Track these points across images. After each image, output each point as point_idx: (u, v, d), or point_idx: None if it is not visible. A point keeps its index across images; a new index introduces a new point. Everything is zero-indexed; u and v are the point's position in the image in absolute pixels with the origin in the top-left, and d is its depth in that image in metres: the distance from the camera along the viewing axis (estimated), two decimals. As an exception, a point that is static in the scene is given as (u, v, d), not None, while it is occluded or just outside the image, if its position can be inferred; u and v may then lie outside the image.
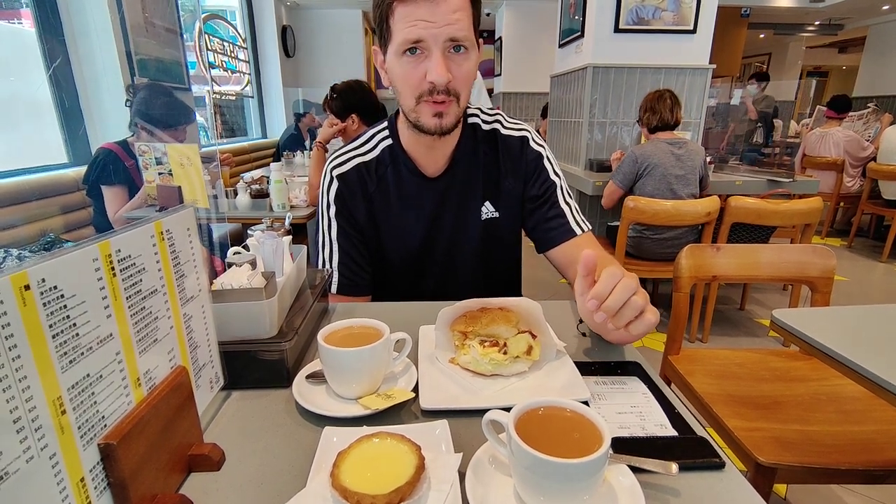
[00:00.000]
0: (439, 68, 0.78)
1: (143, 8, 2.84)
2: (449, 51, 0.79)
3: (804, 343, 0.88)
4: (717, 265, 1.33)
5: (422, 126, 0.86)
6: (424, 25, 0.76)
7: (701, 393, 1.23)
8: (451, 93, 0.82)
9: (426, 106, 0.83)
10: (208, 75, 4.74)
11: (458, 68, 0.81)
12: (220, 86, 5.51)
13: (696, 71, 3.16)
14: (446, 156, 0.97)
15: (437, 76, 0.79)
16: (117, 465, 0.40)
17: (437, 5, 0.76)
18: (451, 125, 0.86)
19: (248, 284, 0.65)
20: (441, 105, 0.83)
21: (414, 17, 0.76)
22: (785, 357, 1.40)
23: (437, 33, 0.77)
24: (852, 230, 4.39)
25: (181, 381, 0.50)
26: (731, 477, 0.49)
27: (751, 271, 1.35)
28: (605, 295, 0.61)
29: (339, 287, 1.00)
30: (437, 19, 0.76)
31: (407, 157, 0.97)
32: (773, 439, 1.05)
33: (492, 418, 0.47)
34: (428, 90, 0.81)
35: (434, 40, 0.78)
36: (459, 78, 0.82)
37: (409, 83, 0.82)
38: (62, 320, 0.36)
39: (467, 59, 0.82)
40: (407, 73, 0.81)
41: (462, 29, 0.78)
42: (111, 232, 0.42)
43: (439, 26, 0.77)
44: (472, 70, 0.83)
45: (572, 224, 1.00)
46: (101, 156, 2.13)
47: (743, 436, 1.06)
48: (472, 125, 1.00)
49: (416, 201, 0.98)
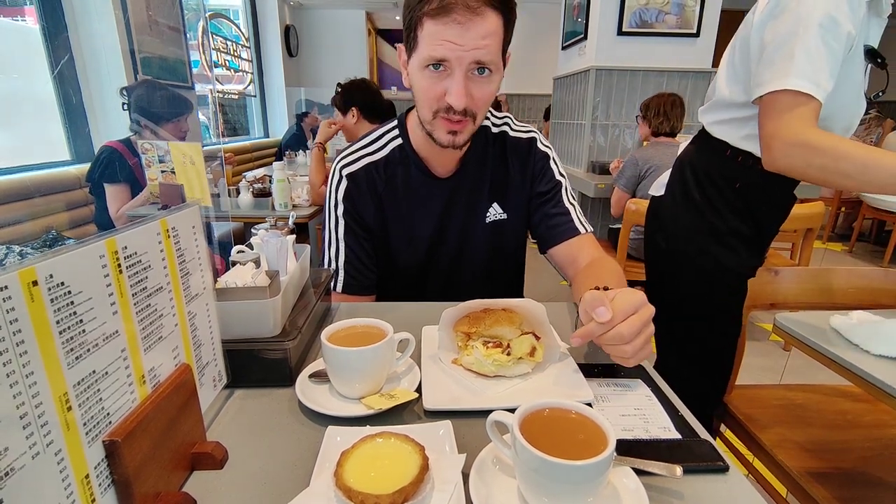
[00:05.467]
0: (459, 92, 0.77)
1: (147, 6, 2.85)
2: (472, 72, 0.78)
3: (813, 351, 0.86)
4: (776, 291, 1.18)
5: (435, 139, 0.86)
6: (451, 48, 0.75)
7: (786, 461, 1.02)
8: (467, 113, 0.81)
9: (442, 122, 0.83)
10: (211, 74, 4.75)
11: (478, 89, 0.80)
12: (223, 85, 5.52)
13: (699, 74, 3.16)
14: (456, 158, 0.98)
15: (456, 100, 0.78)
16: (122, 462, 0.40)
17: (468, 29, 0.74)
18: (463, 142, 0.86)
19: (252, 283, 0.65)
20: (457, 124, 0.83)
21: (442, 36, 0.74)
22: (845, 396, 1.24)
23: (462, 56, 0.75)
24: (853, 235, 4.39)
25: (185, 378, 0.50)
26: (735, 480, 0.49)
27: (815, 298, 1.18)
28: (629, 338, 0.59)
29: (345, 286, 1.00)
30: (464, 42, 0.74)
31: (417, 157, 0.97)
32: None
33: (496, 419, 0.47)
34: (445, 108, 0.81)
35: (458, 62, 0.76)
36: (479, 99, 0.81)
37: (428, 97, 0.82)
38: (69, 316, 0.36)
39: (490, 81, 0.80)
40: (427, 87, 0.81)
41: (489, 54, 0.76)
42: (118, 229, 0.42)
43: (466, 50, 0.75)
44: (493, 92, 0.82)
45: (576, 223, 0.99)
46: (104, 154, 2.13)
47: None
48: (482, 128, 1.00)
49: (425, 201, 0.99)
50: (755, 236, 1.17)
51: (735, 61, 1.10)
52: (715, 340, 1.24)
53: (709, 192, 1.17)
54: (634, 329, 0.59)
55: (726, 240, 1.17)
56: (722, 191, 1.15)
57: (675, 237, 1.25)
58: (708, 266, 1.19)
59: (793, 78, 0.92)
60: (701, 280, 1.22)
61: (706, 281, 1.21)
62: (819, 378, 1.32)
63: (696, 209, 1.19)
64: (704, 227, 1.18)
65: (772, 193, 1.12)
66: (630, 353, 0.59)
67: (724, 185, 1.14)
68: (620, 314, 0.59)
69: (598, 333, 0.60)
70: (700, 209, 1.18)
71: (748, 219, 1.15)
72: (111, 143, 2.14)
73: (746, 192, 1.13)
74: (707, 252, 1.19)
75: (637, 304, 0.60)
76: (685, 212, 1.22)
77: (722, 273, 1.18)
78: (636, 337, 0.59)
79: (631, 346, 0.59)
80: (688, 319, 1.26)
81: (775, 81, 0.94)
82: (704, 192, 1.17)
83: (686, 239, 1.22)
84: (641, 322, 0.59)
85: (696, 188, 1.19)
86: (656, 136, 2.53)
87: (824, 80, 0.92)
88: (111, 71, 2.74)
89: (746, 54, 1.05)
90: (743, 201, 1.13)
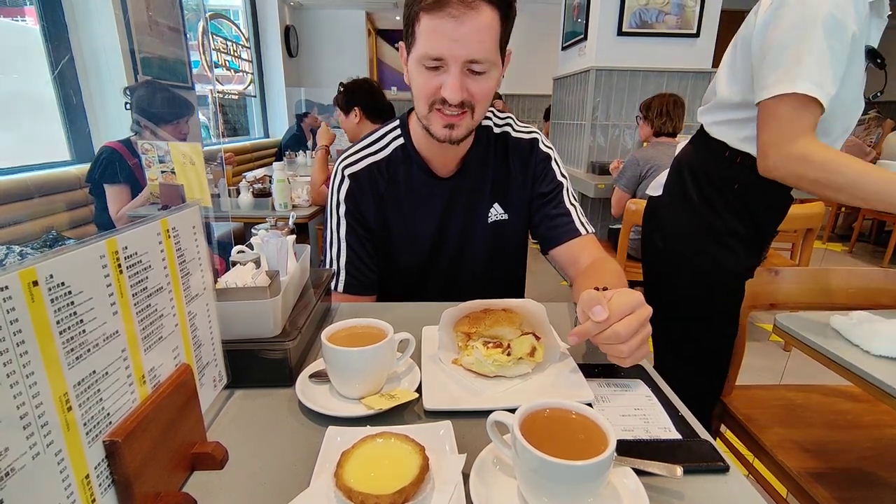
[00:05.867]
0: (454, 86, 0.78)
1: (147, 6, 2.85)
2: (467, 69, 0.79)
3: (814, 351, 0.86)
4: (776, 292, 1.18)
5: (432, 133, 0.87)
6: (447, 45, 0.76)
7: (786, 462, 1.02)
8: (465, 105, 0.82)
9: (438, 116, 0.84)
10: (211, 74, 4.75)
11: (475, 85, 0.81)
12: (223, 85, 5.52)
13: (699, 75, 3.16)
14: (458, 158, 0.98)
15: (451, 94, 0.79)
16: (122, 462, 0.40)
17: (462, 24, 0.74)
18: (461, 137, 0.86)
19: (252, 283, 0.65)
20: (454, 118, 0.83)
21: (437, 32, 0.76)
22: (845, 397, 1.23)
23: (457, 54, 0.76)
24: (853, 235, 4.39)
25: (185, 379, 0.50)
26: (735, 480, 0.49)
27: (815, 298, 1.18)
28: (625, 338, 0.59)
29: (346, 286, 1.00)
30: (459, 37, 0.75)
31: (419, 157, 0.97)
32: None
33: (496, 419, 0.47)
34: (440, 101, 0.81)
35: (454, 59, 0.77)
36: (476, 94, 0.81)
37: (424, 92, 0.82)
38: (69, 317, 0.36)
39: (487, 78, 0.81)
40: (424, 82, 0.82)
41: (484, 50, 0.77)
42: (118, 229, 0.42)
43: (460, 46, 0.76)
44: (491, 88, 0.83)
45: (577, 224, 1.00)
46: (104, 154, 2.13)
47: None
48: (484, 128, 1.01)
49: (427, 200, 0.99)
50: (753, 237, 1.17)
51: (736, 62, 1.10)
52: (713, 341, 1.24)
53: (707, 192, 1.17)
54: (631, 329, 0.59)
55: (724, 240, 1.16)
56: (720, 191, 1.15)
57: (672, 237, 1.25)
58: (706, 266, 1.19)
59: (799, 81, 0.91)
60: (698, 280, 1.22)
61: (704, 281, 1.21)
62: (819, 378, 1.32)
63: (694, 209, 1.19)
64: (702, 228, 1.18)
65: (770, 194, 1.12)
66: (626, 352, 0.59)
67: (723, 185, 1.14)
68: (617, 314, 0.59)
69: (594, 332, 0.60)
70: (698, 209, 1.18)
71: (746, 219, 1.14)
72: (111, 144, 2.14)
73: (745, 192, 1.12)
74: (705, 252, 1.19)
75: (634, 304, 0.60)
76: (683, 212, 1.22)
77: (720, 273, 1.18)
78: (632, 337, 0.59)
79: (627, 346, 0.59)
80: (685, 319, 1.26)
81: (781, 85, 0.93)
82: (702, 192, 1.17)
83: (684, 239, 1.22)
84: (638, 322, 0.59)
85: (694, 188, 1.19)
86: (658, 136, 2.54)
87: (829, 83, 0.92)
88: (111, 71, 2.74)
89: (748, 55, 1.05)
90: (741, 202, 1.13)
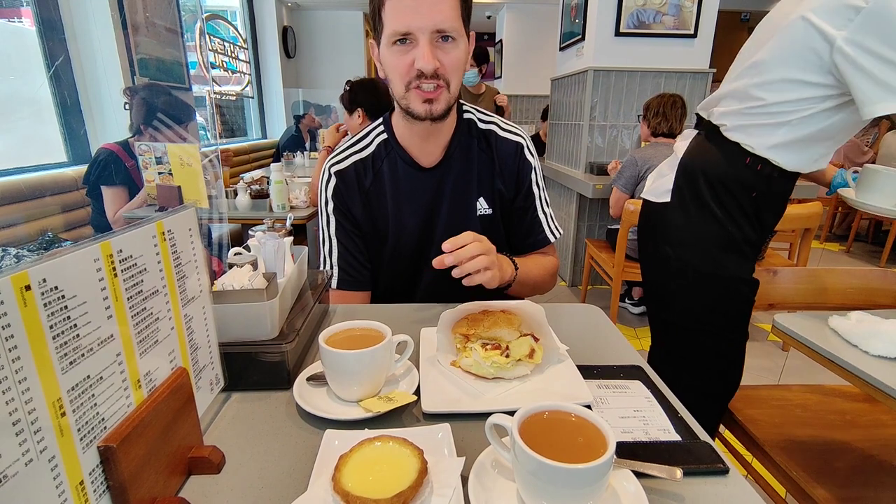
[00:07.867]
0: (426, 56, 0.81)
1: (143, 7, 2.84)
2: (437, 41, 0.82)
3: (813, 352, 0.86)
4: (774, 292, 1.18)
5: (412, 112, 0.88)
6: (412, 17, 0.80)
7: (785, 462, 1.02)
8: (440, 78, 0.84)
9: (416, 93, 0.86)
10: (209, 75, 4.74)
11: (445, 56, 0.84)
12: (221, 86, 5.51)
13: (697, 75, 3.17)
14: (441, 147, 0.98)
15: (424, 63, 0.82)
16: (117, 467, 0.39)
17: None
18: (441, 111, 0.87)
19: (250, 285, 0.64)
20: (431, 93, 0.85)
21: (401, 6, 0.80)
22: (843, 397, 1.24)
23: (424, 25, 0.80)
24: (851, 235, 4.40)
25: (181, 382, 0.49)
26: (735, 482, 0.49)
27: (813, 298, 1.18)
28: (458, 244, 0.76)
29: (340, 282, 1.00)
30: (423, 10, 0.80)
31: (402, 149, 0.98)
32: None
33: (495, 422, 0.47)
34: (416, 76, 0.84)
35: (421, 31, 0.81)
36: (448, 65, 0.84)
37: (399, 71, 0.85)
38: (63, 321, 0.36)
39: (455, 48, 0.84)
40: (397, 61, 0.84)
41: (448, 20, 0.81)
42: (113, 232, 0.42)
43: (424, 17, 0.80)
44: (461, 58, 0.86)
45: (547, 233, 1.07)
46: (101, 156, 2.12)
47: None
48: (467, 120, 1.02)
49: (412, 193, 0.99)
50: (759, 241, 1.16)
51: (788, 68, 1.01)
52: (726, 349, 1.21)
53: (725, 200, 1.12)
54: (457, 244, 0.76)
55: (741, 248, 1.14)
56: (737, 198, 1.11)
57: (684, 246, 1.19)
58: (724, 275, 1.15)
59: None
60: (714, 290, 1.17)
61: (720, 291, 1.17)
62: (818, 378, 1.32)
63: (712, 217, 1.14)
64: (720, 236, 1.14)
65: (782, 201, 1.11)
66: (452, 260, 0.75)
67: (741, 192, 1.10)
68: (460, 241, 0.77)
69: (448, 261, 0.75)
70: (718, 219, 1.13)
71: (756, 225, 1.13)
72: (108, 146, 2.13)
73: (761, 200, 1.10)
74: (722, 262, 1.14)
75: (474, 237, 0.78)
76: (699, 220, 1.16)
77: (736, 282, 1.16)
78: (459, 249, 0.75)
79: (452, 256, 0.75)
80: (696, 330, 1.21)
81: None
82: (721, 200, 1.13)
83: (702, 250, 1.16)
84: (474, 238, 0.78)
85: (710, 197, 1.14)
86: (655, 136, 2.54)
87: None
88: (108, 72, 2.73)
89: (814, 64, 0.98)
90: (755, 208, 1.11)
